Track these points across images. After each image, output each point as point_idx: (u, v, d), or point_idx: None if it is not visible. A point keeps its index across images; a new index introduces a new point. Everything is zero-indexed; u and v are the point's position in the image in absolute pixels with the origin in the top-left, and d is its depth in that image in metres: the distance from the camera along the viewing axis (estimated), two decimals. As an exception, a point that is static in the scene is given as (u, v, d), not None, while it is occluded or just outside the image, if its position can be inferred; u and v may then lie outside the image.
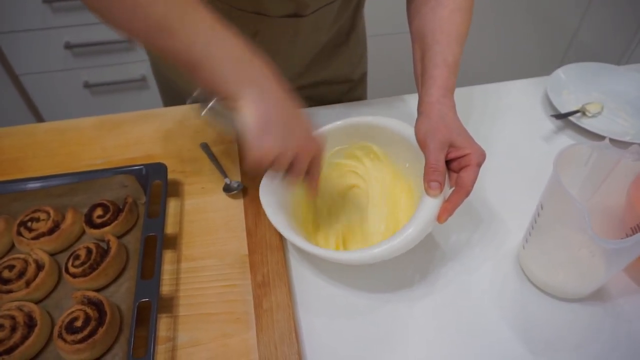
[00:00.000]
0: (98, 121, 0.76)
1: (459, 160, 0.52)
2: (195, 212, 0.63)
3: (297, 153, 0.48)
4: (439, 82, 0.55)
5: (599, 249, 0.49)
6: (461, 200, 0.51)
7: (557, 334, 0.52)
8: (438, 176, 0.50)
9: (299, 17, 0.68)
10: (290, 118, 0.48)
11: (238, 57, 0.46)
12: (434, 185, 0.50)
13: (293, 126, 0.48)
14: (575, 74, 0.85)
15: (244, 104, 0.46)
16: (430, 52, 0.57)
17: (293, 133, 0.48)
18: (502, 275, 0.57)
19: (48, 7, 1.35)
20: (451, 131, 0.52)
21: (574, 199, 0.44)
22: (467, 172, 0.51)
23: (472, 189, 0.51)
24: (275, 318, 0.51)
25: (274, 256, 0.57)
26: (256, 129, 0.46)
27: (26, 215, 0.58)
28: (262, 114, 0.46)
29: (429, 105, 0.54)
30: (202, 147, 0.71)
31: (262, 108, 0.46)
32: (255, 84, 0.46)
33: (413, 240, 0.49)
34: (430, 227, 0.50)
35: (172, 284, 0.55)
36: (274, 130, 0.46)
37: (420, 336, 0.52)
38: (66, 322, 0.48)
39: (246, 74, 0.46)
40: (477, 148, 0.52)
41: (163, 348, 0.50)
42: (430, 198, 0.50)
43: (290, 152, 0.47)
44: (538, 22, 1.81)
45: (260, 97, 0.46)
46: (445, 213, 0.50)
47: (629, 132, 0.76)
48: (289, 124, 0.47)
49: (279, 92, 0.48)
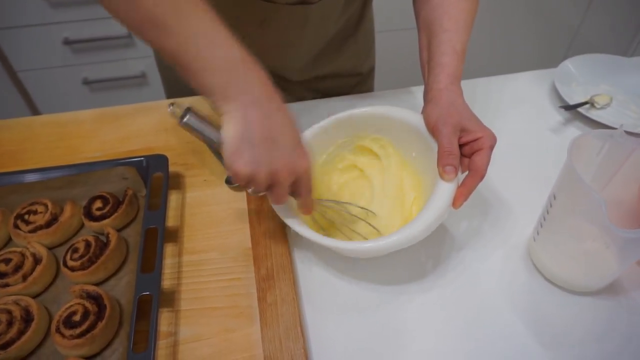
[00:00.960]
0: (98, 114, 0.75)
1: (471, 144, 0.51)
2: (197, 204, 0.62)
3: (275, 174, 0.45)
4: (447, 69, 0.54)
5: (614, 240, 0.47)
6: (476, 184, 0.50)
7: (568, 327, 0.51)
8: (453, 160, 0.49)
9: (307, 5, 0.66)
10: (274, 135, 0.45)
11: (229, 64, 0.44)
12: (449, 170, 0.49)
13: (274, 145, 0.45)
14: (584, 65, 0.83)
15: (226, 120, 0.44)
16: (437, 39, 0.56)
17: (272, 153, 0.45)
18: (512, 268, 0.56)
19: (46, 2, 1.34)
20: (462, 116, 0.51)
21: (590, 187, 0.43)
22: (480, 155, 0.50)
23: (486, 172, 0.50)
24: (280, 312, 0.50)
25: (278, 249, 0.55)
26: (231, 148, 0.44)
27: (23, 208, 0.57)
28: (239, 133, 0.44)
29: (438, 92, 0.53)
30: (203, 140, 0.69)
31: (242, 127, 0.44)
32: (242, 96, 0.44)
33: (430, 227, 0.48)
34: (446, 213, 0.49)
35: (174, 277, 0.54)
36: (249, 150, 0.44)
37: (428, 328, 0.51)
38: (64, 317, 0.47)
39: (236, 83, 0.45)
40: (488, 132, 0.51)
41: (164, 343, 0.48)
42: (446, 183, 0.49)
43: (264, 174, 0.45)
44: (542, 15, 1.80)
45: (243, 114, 0.44)
46: (460, 198, 0.49)
47: (638, 124, 0.75)
48: (269, 143, 0.45)
49: (266, 105, 0.45)
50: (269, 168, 0.45)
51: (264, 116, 0.45)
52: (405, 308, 0.52)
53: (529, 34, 1.85)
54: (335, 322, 0.51)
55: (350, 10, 0.76)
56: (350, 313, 0.52)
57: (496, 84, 0.83)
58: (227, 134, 0.44)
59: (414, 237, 0.47)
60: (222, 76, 0.44)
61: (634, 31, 1.90)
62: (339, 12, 0.73)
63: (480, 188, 0.64)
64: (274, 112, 0.46)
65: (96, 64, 1.51)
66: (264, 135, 0.44)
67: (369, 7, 0.81)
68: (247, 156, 0.44)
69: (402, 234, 0.47)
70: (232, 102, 0.44)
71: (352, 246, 0.49)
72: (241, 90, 0.44)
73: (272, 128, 0.45)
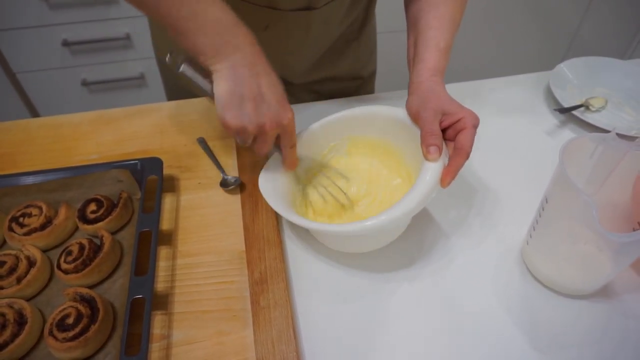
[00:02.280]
0: (93, 116, 0.75)
1: (454, 126, 0.52)
2: (191, 207, 0.62)
3: (262, 126, 0.50)
4: (430, 64, 0.56)
5: (606, 243, 0.47)
6: (462, 162, 0.50)
7: (562, 331, 0.51)
8: (435, 139, 0.51)
9: (311, 10, 0.67)
10: (261, 92, 0.50)
11: (220, 24, 0.49)
12: (433, 150, 0.50)
13: (262, 100, 0.50)
14: (579, 68, 0.83)
15: (216, 77, 0.49)
16: (423, 36, 0.58)
17: (260, 107, 0.49)
18: (505, 271, 0.56)
19: (45, 4, 1.34)
20: (442, 100, 0.53)
21: (580, 191, 0.43)
22: (464, 134, 0.51)
23: (471, 150, 0.51)
24: (273, 315, 0.50)
25: (271, 252, 0.55)
26: (222, 103, 0.49)
27: (18, 211, 0.57)
28: (229, 89, 0.48)
29: (419, 84, 0.56)
30: (199, 142, 0.69)
31: (231, 83, 0.48)
32: (232, 56, 0.49)
33: (419, 205, 0.48)
34: (434, 192, 0.49)
35: (168, 280, 0.54)
36: (239, 106, 0.49)
37: (420, 334, 0.51)
38: (57, 320, 0.47)
39: (226, 45, 0.48)
40: (469, 112, 0.52)
41: (157, 346, 0.48)
42: (431, 163, 0.50)
43: (252, 126, 0.50)
44: (540, 18, 1.80)
45: (232, 73, 0.49)
46: (447, 176, 0.50)
47: (633, 127, 0.75)
48: (254, 100, 0.49)
49: (254, 64, 0.50)
50: (256, 120, 0.50)
51: (252, 74, 0.49)
52: (399, 314, 0.52)
53: (529, 36, 1.85)
54: (329, 320, 0.51)
55: (353, 15, 0.76)
56: (345, 313, 0.52)
57: (492, 87, 0.83)
58: (218, 90, 0.49)
59: (404, 213, 0.48)
60: (214, 37, 0.48)
61: (632, 33, 1.90)
62: (342, 17, 0.73)
63: (475, 189, 0.65)
64: (261, 71, 0.50)
65: (95, 66, 1.51)
66: (253, 91, 0.49)
67: (372, 12, 0.82)
68: (237, 110, 0.49)
69: (390, 213, 0.48)
70: (223, 61, 0.48)
71: (339, 228, 0.50)
72: (232, 50, 0.49)
73: (259, 85, 0.50)
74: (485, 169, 0.67)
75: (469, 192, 0.65)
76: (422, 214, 0.62)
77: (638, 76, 0.81)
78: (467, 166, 0.67)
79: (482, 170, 0.67)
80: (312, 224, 0.51)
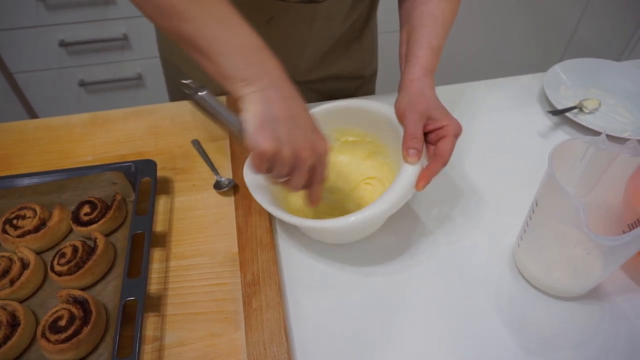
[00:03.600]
0: (88, 118, 0.75)
1: (437, 132, 0.53)
2: (185, 209, 0.62)
3: (298, 153, 0.45)
4: (422, 62, 0.57)
5: (595, 246, 0.48)
6: (439, 169, 0.52)
7: (553, 332, 0.51)
8: (416, 143, 0.51)
9: (315, 3, 0.67)
10: (294, 116, 0.46)
11: (246, 48, 0.46)
12: (412, 153, 0.51)
13: (295, 125, 0.46)
14: (573, 70, 0.83)
15: (246, 102, 0.45)
16: (416, 34, 0.59)
17: (294, 132, 0.45)
18: (497, 273, 0.56)
19: (43, 4, 1.34)
20: (429, 105, 0.54)
21: (569, 194, 0.43)
22: (444, 142, 0.52)
23: (449, 158, 0.52)
24: (265, 317, 0.50)
25: (264, 254, 0.56)
26: (254, 127, 0.44)
27: (12, 213, 0.57)
28: (262, 112, 0.45)
29: (410, 82, 0.56)
30: (193, 144, 0.70)
31: (263, 106, 0.45)
32: (262, 79, 0.46)
33: (393, 206, 0.50)
34: (409, 194, 0.51)
35: (161, 282, 0.54)
36: (273, 128, 0.44)
37: (413, 333, 0.51)
38: (50, 322, 0.47)
39: (254, 67, 0.46)
40: (453, 121, 0.53)
41: (150, 348, 0.49)
42: (409, 166, 0.51)
43: (288, 151, 0.45)
44: (537, 19, 1.80)
45: (263, 96, 0.45)
46: (422, 180, 0.51)
47: (627, 129, 0.75)
48: (290, 122, 0.45)
49: (283, 88, 0.47)
50: (292, 145, 0.45)
51: (283, 97, 0.46)
52: (390, 314, 0.53)
53: (526, 38, 1.85)
54: (321, 321, 0.52)
55: (356, 13, 0.76)
56: (337, 309, 0.52)
57: (487, 88, 0.83)
58: (249, 114, 0.45)
59: (379, 214, 0.49)
60: (240, 59, 0.46)
61: (629, 35, 1.90)
62: (346, 13, 0.74)
63: (467, 190, 0.65)
64: (290, 95, 0.47)
65: (92, 66, 1.51)
66: (285, 114, 0.45)
67: (374, 12, 0.82)
68: (270, 133, 0.44)
69: (364, 213, 0.49)
70: (251, 85, 0.45)
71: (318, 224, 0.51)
72: (260, 73, 0.46)
73: (290, 109, 0.46)
74: (478, 170, 0.68)
75: (460, 193, 0.65)
76: (415, 216, 0.62)
77: (632, 78, 0.81)
78: (460, 167, 0.68)
79: (475, 171, 0.68)
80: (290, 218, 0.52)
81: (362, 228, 0.55)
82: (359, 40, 0.82)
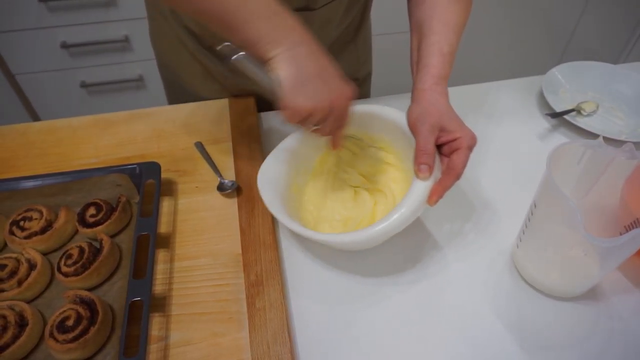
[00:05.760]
0: (92, 120, 0.76)
1: (450, 144, 0.53)
2: (189, 211, 0.63)
3: (331, 106, 0.49)
4: (433, 70, 0.56)
5: (592, 247, 0.49)
6: (451, 183, 0.51)
7: (551, 332, 0.52)
8: (427, 159, 0.51)
9: (309, 11, 0.67)
10: (322, 71, 0.49)
11: (270, 11, 0.48)
12: (424, 168, 0.50)
13: (325, 79, 0.49)
14: (571, 73, 0.84)
15: (277, 62, 0.47)
16: (426, 40, 0.58)
17: (326, 86, 0.49)
18: (496, 274, 0.57)
19: (44, 6, 1.35)
20: (442, 115, 0.53)
21: (566, 197, 0.44)
22: (457, 155, 0.51)
23: (462, 172, 0.51)
24: (268, 317, 0.51)
25: (267, 255, 0.56)
26: (289, 87, 0.47)
27: (19, 215, 0.58)
28: (294, 71, 0.47)
29: (422, 92, 0.55)
30: (196, 146, 0.70)
31: (294, 65, 0.47)
32: (288, 38, 0.48)
33: (405, 221, 0.50)
34: (421, 209, 0.51)
35: (165, 283, 0.55)
36: (307, 87, 0.48)
37: (412, 334, 0.52)
38: (57, 322, 0.48)
39: (278, 28, 0.48)
40: (467, 132, 0.52)
41: (155, 347, 0.50)
42: (420, 181, 0.51)
43: (323, 106, 0.48)
44: (536, 22, 1.81)
45: (292, 54, 0.47)
46: (435, 195, 0.51)
47: (624, 131, 0.76)
48: (321, 78, 0.49)
49: (310, 46, 0.49)
50: (328, 97, 0.49)
51: (310, 52, 0.49)
52: (390, 316, 0.54)
53: (524, 40, 1.86)
54: (324, 323, 0.52)
55: (350, 16, 0.77)
56: (339, 309, 0.53)
57: (485, 91, 0.84)
58: (282, 75, 0.47)
59: (389, 230, 0.50)
60: (266, 22, 0.47)
61: (627, 37, 1.91)
62: (340, 18, 0.74)
63: (467, 193, 0.66)
64: (317, 48, 0.50)
65: (94, 68, 1.52)
66: (316, 70, 0.48)
67: (368, 14, 0.83)
68: (305, 92, 0.48)
69: (376, 228, 0.49)
70: (279, 44, 0.47)
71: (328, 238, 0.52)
72: (286, 32, 0.48)
73: (319, 63, 0.49)
74: (477, 172, 0.69)
75: (460, 195, 0.66)
76: (415, 221, 0.63)
77: (630, 80, 0.82)
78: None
79: (473, 172, 0.68)
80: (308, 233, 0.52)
81: (371, 242, 0.56)
82: (353, 42, 0.82)
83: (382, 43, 1.28)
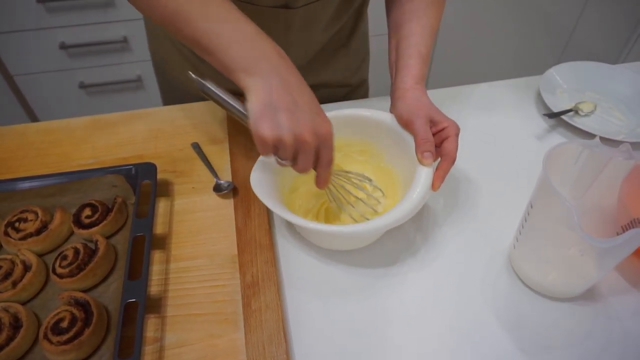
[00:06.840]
0: (89, 121, 0.76)
1: (439, 134, 0.56)
2: (185, 212, 0.63)
3: (300, 137, 0.47)
4: (414, 71, 0.59)
5: (590, 248, 0.48)
6: (449, 167, 0.55)
7: (549, 333, 0.52)
8: (430, 146, 0.54)
9: (290, 9, 0.67)
10: (295, 100, 0.48)
11: (243, 39, 0.49)
12: (428, 155, 0.54)
13: (293, 112, 0.47)
14: (569, 73, 0.84)
15: (248, 92, 0.48)
16: (405, 42, 0.61)
17: (293, 119, 0.47)
18: (493, 275, 0.57)
19: (42, 7, 1.35)
20: (429, 109, 0.57)
21: (563, 197, 0.44)
22: (449, 142, 0.55)
23: (456, 156, 0.55)
24: (264, 318, 0.51)
25: (263, 256, 0.56)
26: (255, 117, 0.47)
27: (14, 216, 0.58)
28: (263, 99, 0.47)
29: (404, 91, 0.58)
30: (193, 147, 0.70)
31: (263, 94, 0.47)
32: (259, 66, 0.48)
33: (416, 207, 0.52)
34: (428, 195, 0.53)
35: (161, 284, 0.55)
36: (273, 118, 0.46)
37: (410, 334, 0.52)
38: (52, 323, 0.48)
39: (250, 56, 0.48)
40: (451, 121, 0.56)
41: (150, 349, 0.49)
42: (423, 169, 0.54)
43: (290, 137, 0.46)
44: (535, 22, 1.81)
45: (264, 82, 0.47)
46: (438, 180, 0.54)
47: (622, 131, 0.76)
48: (289, 111, 0.47)
49: (284, 72, 0.49)
50: (293, 131, 0.47)
51: (284, 82, 0.48)
52: (386, 318, 0.53)
53: (523, 40, 1.86)
54: (320, 324, 0.52)
55: (341, 21, 0.76)
56: (335, 309, 0.53)
57: (483, 91, 0.84)
58: (251, 103, 0.47)
59: (403, 216, 0.51)
60: (239, 51, 0.48)
61: (626, 37, 1.91)
62: (327, 21, 0.73)
63: (464, 193, 0.66)
64: (292, 78, 0.49)
65: (92, 68, 1.52)
66: (287, 100, 0.47)
67: (363, 20, 0.82)
68: (271, 121, 0.46)
69: (389, 216, 0.51)
70: (252, 74, 0.48)
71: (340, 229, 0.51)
72: (258, 61, 0.48)
73: (292, 93, 0.48)
74: (474, 172, 0.68)
75: (457, 195, 0.66)
76: (411, 220, 0.63)
77: (627, 81, 0.82)
78: (455, 169, 0.68)
79: (471, 173, 0.68)
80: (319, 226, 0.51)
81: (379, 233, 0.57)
82: (345, 48, 0.82)
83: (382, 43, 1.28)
